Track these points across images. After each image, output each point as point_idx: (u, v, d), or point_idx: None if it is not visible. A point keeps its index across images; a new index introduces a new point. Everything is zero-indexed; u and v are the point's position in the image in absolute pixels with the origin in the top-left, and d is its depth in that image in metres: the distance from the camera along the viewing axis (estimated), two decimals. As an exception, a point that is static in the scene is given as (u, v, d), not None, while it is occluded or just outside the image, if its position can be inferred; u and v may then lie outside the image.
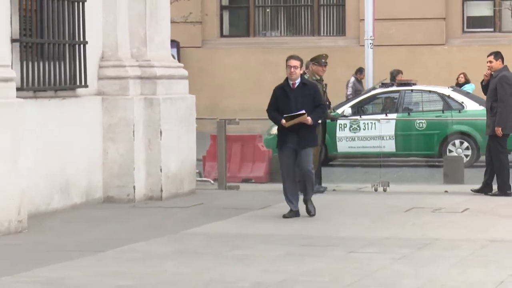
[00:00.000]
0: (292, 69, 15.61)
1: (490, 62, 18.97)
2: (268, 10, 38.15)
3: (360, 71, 31.49)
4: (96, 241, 14.16)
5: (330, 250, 13.34)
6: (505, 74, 18.76)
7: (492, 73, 18.80)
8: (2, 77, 14.93)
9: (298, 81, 15.72)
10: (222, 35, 37.89)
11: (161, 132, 18.52)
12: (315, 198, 18.51)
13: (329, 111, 20.26)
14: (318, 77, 19.25)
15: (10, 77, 15.16)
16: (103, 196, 18.22)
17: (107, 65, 18.55)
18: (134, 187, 18.24)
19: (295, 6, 37.97)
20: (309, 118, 15.46)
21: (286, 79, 15.82)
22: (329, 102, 20.62)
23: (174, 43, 29.34)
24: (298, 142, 15.65)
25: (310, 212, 16.10)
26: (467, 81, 31.58)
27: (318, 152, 19.33)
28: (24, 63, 16.50)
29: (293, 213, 15.93)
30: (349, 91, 30.90)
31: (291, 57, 15.88)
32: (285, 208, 17.52)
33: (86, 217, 16.41)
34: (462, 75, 31.92)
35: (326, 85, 19.42)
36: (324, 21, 37.66)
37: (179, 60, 23.30)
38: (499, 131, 18.52)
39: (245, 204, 17.97)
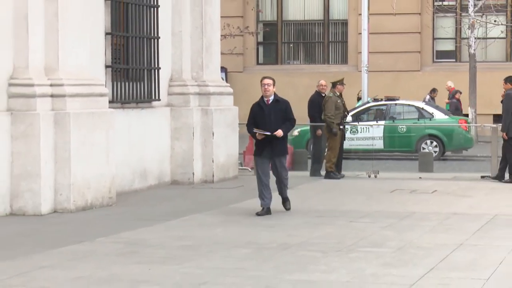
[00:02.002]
0: (266, 86, 13.91)
1: (504, 84, 19.17)
2: (291, 45, 38.06)
3: (433, 90, 31.07)
4: (165, 212, 14.15)
5: (336, 220, 13.28)
6: (509, 93, 18.67)
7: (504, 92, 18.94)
8: (99, 93, 14.96)
9: (271, 98, 13.97)
10: (258, 63, 37.84)
11: (213, 133, 18.52)
12: (329, 182, 18.60)
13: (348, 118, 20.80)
14: (338, 94, 19.51)
15: (104, 93, 15.19)
16: (171, 180, 18.21)
17: (174, 84, 18.57)
18: (193, 173, 18.25)
19: (310, 42, 37.84)
20: (280, 131, 13.66)
21: (262, 97, 14.06)
22: (348, 112, 20.75)
23: (223, 69, 29.30)
24: (272, 152, 13.82)
25: (286, 207, 14.32)
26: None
27: (337, 145, 19.37)
28: (115, 83, 16.54)
29: (265, 211, 13.83)
30: None
31: (265, 77, 14.26)
32: (300, 191, 17.50)
33: (158, 195, 16.41)
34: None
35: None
36: (332, 53, 37.53)
37: (226, 81, 23.22)
38: (503, 135, 18.44)
39: (274, 186, 17.89)
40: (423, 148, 25.50)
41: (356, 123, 25.56)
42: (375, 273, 9.31)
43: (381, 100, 27.65)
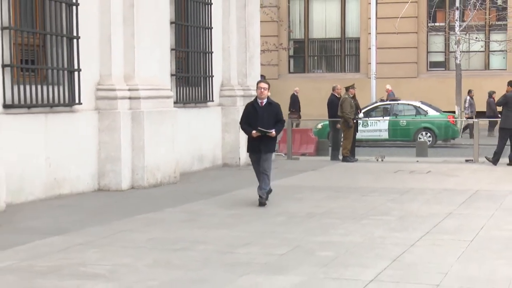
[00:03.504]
0: (262, 90, 12.09)
1: (507, 87, 18.43)
2: (315, 57, 37.96)
3: (470, 91, 30.41)
4: (217, 188, 14.16)
5: (351, 194, 13.22)
6: (508, 95, 18.15)
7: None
8: (166, 95, 14.99)
9: (265, 100, 12.15)
10: (289, 72, 37.83)
11: (255, 127, 18.51)
12: (345, 164, 18.53)
13: (360, 115, 20.68)
14: (352, 95, 19.56)
15: (170, 95, 15.22)
16: (222, 163, 18.23)
17: (224, 89, 18.57)
18: (239, 158, 18.24)
19: (330, 55, 37.72)
20: (273, 132, 12.07)
21: (256, 98, 12.27)
22: (360, 110, 20.88)
23: (262, 76, 29.20)
24: (261, 149, 12.11)
25: (261, 198, 12.08)
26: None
27: (351, 135, 19.40)
28: (178, 88, 16.58)
29: (265, 198, 12.19)
30: (466, 104, 30.03)
31: (261, 81, 12.48)
32: (322, 172, 17.44)
33: (212, 175, 16.43)
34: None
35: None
36: (347, 64, 37.41)
37: (265, 86, 23.17)
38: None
39: (302, 167, 17.90)
40: (420, 138, 25.41)
41: (367, 118, 25.56)
42: (382, 236, 9.27)
43: (386, 100, 27.68)
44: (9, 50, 11.88)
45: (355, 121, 19.65)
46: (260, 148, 12.15)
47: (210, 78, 17.85)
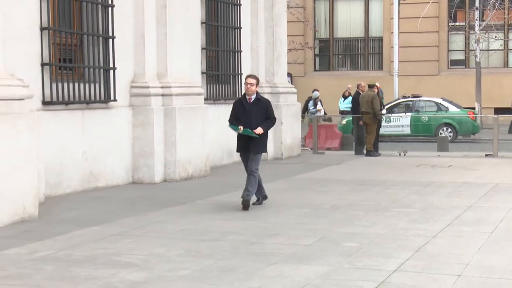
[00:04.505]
0: (249, 86, 10.79)
1: None
2: (340, 56, 37.81)
3: None
4: (245, 181, 14.10)
5: (374, 187, 13.13)
6: None
7: None
8: (197, 92, 14.98)
9: (254, 96, 10.83)
10: (315, 70, 37.71)
11: (282, 122, 18.43)
12: (369, 158, 18.41)
13: (384, 111, 20.51)
14: (376, 92, 19.53)
15: (201, 92, 15.21)
16: (250, 157, 18.20)
17: (252, 86, 18.55)
18: (267, 152, 18.16)
19: (354, 54, 37.56)
20: (259, 129, 10.72)
21: (244, 95, 10.99)
22: (384, 106, 20.85)
23: (289, 74, 29.20)
24: (250, 148, 10.84)
25: (245, 203, 10.74)
26: (350, 95, 28.62)
27: (374, 130, 19.31)
28: (208, 85, 16.56)
29: (260, 201, 11.20)
30: None
31: (248, 76, 11.08)
32: (347, 166, 17.35)
33: (241, 169, 16.32)
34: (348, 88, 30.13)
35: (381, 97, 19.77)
36: (371, 62, 37.25)
37: (291, 84, 23.09)
38: None
39: (327, 162, 17.82)
40: (441, 133, 25.19)
41: (390, 114, 25.45)
42: (404, 227, 9.18)
43: (408, 97, 27.53)
44: (48, 49, 11.92)
45: (378, 117, 19.56)
46: (249, 148, 10.87)
47: (239, 76, 17.80)
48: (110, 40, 13.31)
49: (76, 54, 12.81)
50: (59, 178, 12.10)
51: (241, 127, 10.78)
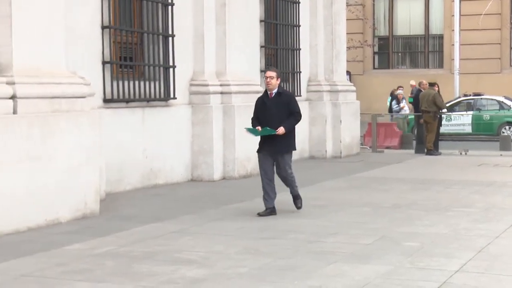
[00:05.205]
0: (268, 79, 9.88)
1: None
2: (399, 54, 37.47)
3: None
4: (305, 179, 14.02)
5: (435, 186, 12.95)
6: None
7: None
8: (256, 90, 14.93)
9: (275, 91, 9.90)
10: (374, 68, 37.43)
11: (340, 121, 18.35)
12: (429, 157, 18.19)
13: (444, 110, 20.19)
14: (436, 90, 19.25)
15: (260, 90, 15.06)
16: (309, 155, 18.15)
17: (311, 84, 18.51)
18: (326, 150, 18.14)
19: (414, 52, 37.17)
20: (281, 129, 9.75)
21: (265, 91, 10.09)
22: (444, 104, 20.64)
23: (348, 72, 28.93)
24: (274, 149, 9.86)
25: (297, 205, 10.34)
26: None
27: (435, 129, 19.11)
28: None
29: (269, 211, 10.04)
30: None
31: (268, 69, 10.30)
32: (407, 164, 17.18)
33: (299, 167, 16.25)
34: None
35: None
36: (431, 60, 36.83)
37: (350, 82, 22.95)
38: None
39: (387, 160, 17.65)
40: (503, 132, 24.79)
41: (450, 113, 25.16)
42: (466, 227, 9.03)
43: (470, 95, 27.13)
44: (109, 48, 12.06)
45: (438, 115, 19.36)
46: (273, 149, 9.87)
47: (298, 74, 17.78)
48: (170, 39, 13.40)
49: (137, 52, 12.94)
50: (120, 175, 12.23)
51: (259, 128, 9.86)
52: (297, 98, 17.61)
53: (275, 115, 9.85)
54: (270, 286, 6.36)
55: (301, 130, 17.73)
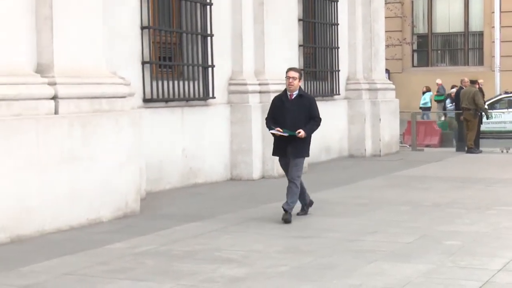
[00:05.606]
0: (291, 80, 9.38)
1: None
2: (439, 51, 37.19)
3: None
4: (343, 178, 14.02)
5: (475, 184, 12.82)
6: None
7: None
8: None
9: (296, 93, 9.44)
10: (413, 66, 37.21)
11: (380, 119, 18.24)
12: (470, 155, 17.98)
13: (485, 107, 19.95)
14: (477, 88, 19.16)
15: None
16: (348, 154, 18.07)
17: (350, 83, 18.44)
18: (365, 149, 18.04)
19: (454, 49, 36.88)
20: (302, 132, 9.36)
21: (285, 90, 9.58)
22: (485, 102, 20.38)
23: (387, 70, 28.83)
24: (289, 152, 9.47)
25: (284, 217, 9.35)
26: (427, 90, 30.21)
27: (475, 127, 18.93)
28: (306, 82, 16.53)
29: (305, 209, 9.97)
30: None
31: (290, 69, 9.65)
32: (448, 162, 17.02)
33: (338, 166, 16.31)
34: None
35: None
36: (471, 57, 36.47)
37: (389, 80, 22.81)
38: None
39: (427, 159, 17.51)
40: (545, 129, 24.53)
41: (491, 111, 24.86)
42: (508, 226, 8.92)
43: (511, 92, 26.81)
44: (148, 48, 12.14)
45: (479, 113, 19.17)
46: (287, 151, 9.50)
47: (337, 72, 17.72)
48: (209, 38, 13.45)
49: (176, 52, 13.00)
50: (160, 174, 12.31)
51: (279, 129, 9.38)
52: (336, 96, 17.74)
53: (294, 118, 9.39)
54: (310, 285, 6.35)
55: (340, 128, 17.72)
